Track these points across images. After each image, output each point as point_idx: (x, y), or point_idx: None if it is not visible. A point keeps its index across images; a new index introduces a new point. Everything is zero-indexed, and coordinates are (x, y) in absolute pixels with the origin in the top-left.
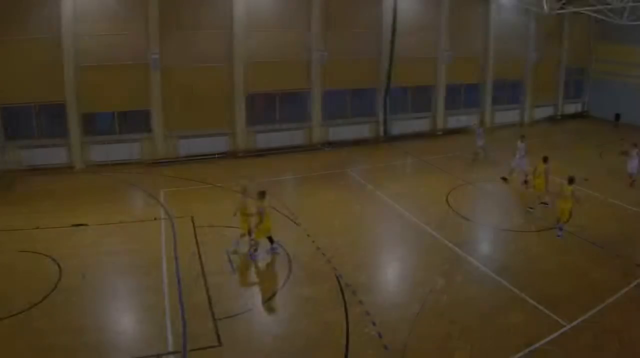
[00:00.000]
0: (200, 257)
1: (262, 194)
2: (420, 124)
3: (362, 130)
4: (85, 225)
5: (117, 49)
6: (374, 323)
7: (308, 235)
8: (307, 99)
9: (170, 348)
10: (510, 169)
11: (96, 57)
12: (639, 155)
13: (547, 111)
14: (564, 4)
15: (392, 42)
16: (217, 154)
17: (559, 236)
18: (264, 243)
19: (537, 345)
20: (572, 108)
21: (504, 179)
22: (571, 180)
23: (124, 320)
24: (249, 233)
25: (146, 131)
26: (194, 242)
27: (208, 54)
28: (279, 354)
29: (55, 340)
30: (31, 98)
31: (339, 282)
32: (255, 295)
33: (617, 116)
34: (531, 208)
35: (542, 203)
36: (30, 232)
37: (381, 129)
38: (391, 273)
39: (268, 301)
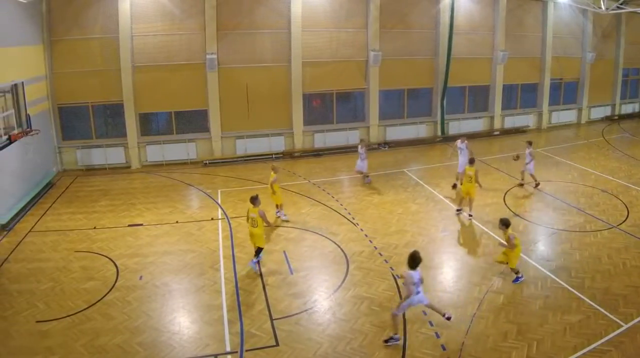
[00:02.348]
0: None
1: (253, 200)
2: (477, 124)
3: (418, 130)
4: (142, 225)
5: (174, 49)
6: (431, 323)
7: (366, 235)
8: (363, 99)
9: (228, 349)
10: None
11: (153, 57)
12: (531, 154)
13: (604, 111)
14: (620, 3)
15: (450, 41)
16: (274, 154)
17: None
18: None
19: (594, 345)
20: (629, 108)
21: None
22: (506, 224)
23: (180, 320)
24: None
25: (203, 131)
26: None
27: (265, 54)
28: (336, 354)
29: (111, 340)
30: (89, 98)
31: (396, 282)
32: (312, 295)
33: None
34: (470, 215)
35: (458, 210)
36: (87, 232)
37: (438, 128)
38: (448, 273)
39: (325, 301)
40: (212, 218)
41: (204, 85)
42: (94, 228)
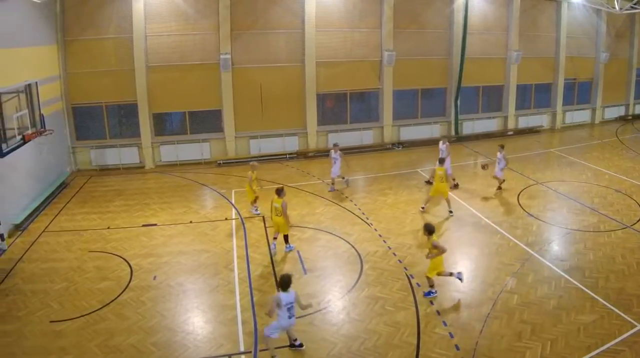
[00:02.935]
0: (271, 257)
1: (278, 191)
2: (490, 124)
3: (432, 130)
4: (156, 225)
5: (188, 49)
6: (445, 323)
7: (380, 235)
8: (377, 99)
9: (241, 349)
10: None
11: (167, 57)
12: (505, 158)
13: (618, 111)
14: (634, 3)
15: (464, 41)
16: (288, 154)
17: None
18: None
19: (607, 345)
20: None
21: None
22: (430, 231)
23: (194, 320)
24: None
25: (217, 131)
26: (265, 243)
27: (279, 54)
28: (350, 354)
29: (125, 340)
30: (102, 98)
31: (410, 282)
32: (326, 295)
33: None
34: (450, 211)
35: (449, 211)
36: (101, 232)
37: (452, 128)
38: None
39: (339, 301)
40: (226, 218)
41: (218, 85)
42: (108, 228)
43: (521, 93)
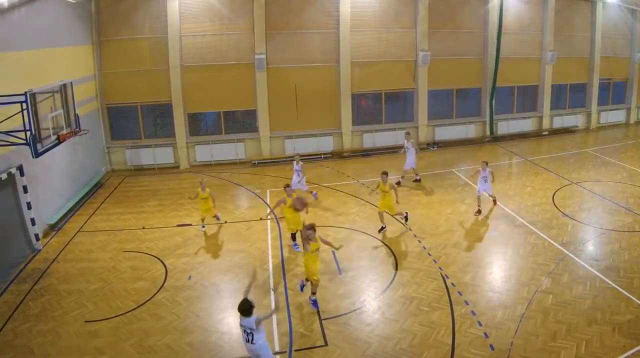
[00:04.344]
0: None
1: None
2: (525, 124)
3: (467, 130)
4: (190, 225)
5: (223, 49)
6: (479, 323)
7: (414, 236)
8: (412, 99)
9: (277, 348)
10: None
11: (202, 57)
12: (491, 173)
13: None
14: None
15: (498, 41)
16: (323, 154)
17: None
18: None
19: None
20: None
21: (417, 181)
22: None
23: (229, 320)
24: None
25: (251, 131)
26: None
27: (313, 54)
28: (385, 354)
29: (160, 340)
30: (137, 98)
31: (445, 282)
32: (361, 295)
33: None
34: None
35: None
36: (136, 232)
37: (487, 128)
38: (497, 273)
39: (374, 301)
40: (260, 219)
41: (252, 85)
42: (143, 228)
43: (556, 93)
